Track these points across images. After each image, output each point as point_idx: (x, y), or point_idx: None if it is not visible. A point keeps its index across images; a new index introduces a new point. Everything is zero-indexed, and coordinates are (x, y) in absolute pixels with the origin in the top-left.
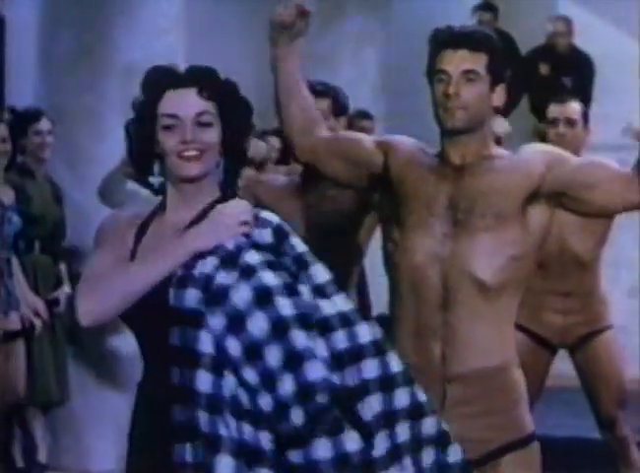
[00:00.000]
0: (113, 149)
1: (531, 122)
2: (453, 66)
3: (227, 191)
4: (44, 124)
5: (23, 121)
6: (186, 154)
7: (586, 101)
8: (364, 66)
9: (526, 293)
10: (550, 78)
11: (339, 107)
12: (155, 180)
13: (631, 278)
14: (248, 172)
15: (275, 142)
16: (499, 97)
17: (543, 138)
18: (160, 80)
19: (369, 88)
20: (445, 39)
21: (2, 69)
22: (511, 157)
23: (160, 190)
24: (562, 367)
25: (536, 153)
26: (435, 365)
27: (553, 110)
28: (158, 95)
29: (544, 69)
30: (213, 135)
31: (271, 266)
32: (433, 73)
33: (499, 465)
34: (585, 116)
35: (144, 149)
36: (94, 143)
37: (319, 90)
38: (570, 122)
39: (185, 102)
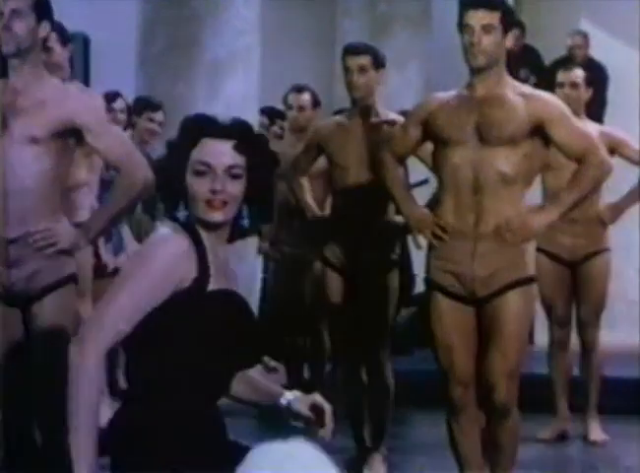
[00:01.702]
0: None
1: None
2: (475, 21)
3: (238, 235)
4: (159, 115)
5: (143, 105)
6: (214, 202)
7: (601, 105)
8: (408, 75)
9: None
10: None
11: (379, 62)
12: (181, 215)
13: None
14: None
15: None
16: (509, 40)
17: None
18: (201, 127)
19: (412, 92)
20: (469, 1)
21: (88, 83)
22: (525, 92)
23: (185, 223)
24: None
25: (550, 104)
26: (469, 228)
27: (560, 76)
28: (195, 140)
29: None
30: (240, 187)
31: None
32: (461, 27)
33: (508, 296)
34: (586, 80)
35: (173, 187)
36: None
37: (360, 49)
38: (574, 85)
39: (220, 153)
